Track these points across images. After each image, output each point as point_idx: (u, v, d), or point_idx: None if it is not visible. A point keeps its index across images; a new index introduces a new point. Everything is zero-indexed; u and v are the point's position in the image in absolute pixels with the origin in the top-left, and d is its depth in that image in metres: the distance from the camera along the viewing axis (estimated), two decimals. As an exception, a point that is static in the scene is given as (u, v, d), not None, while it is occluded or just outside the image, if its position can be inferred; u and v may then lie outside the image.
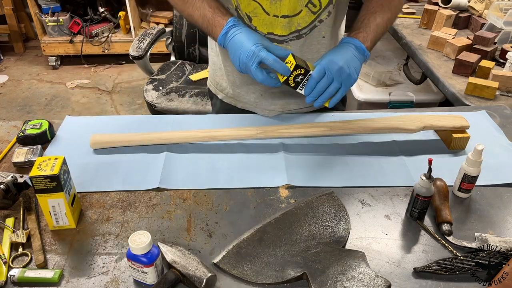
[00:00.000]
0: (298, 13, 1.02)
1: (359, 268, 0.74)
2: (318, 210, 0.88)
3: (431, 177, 0.83)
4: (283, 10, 1.01)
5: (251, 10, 1.02)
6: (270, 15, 1.02)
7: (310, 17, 1.04)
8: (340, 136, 1.11)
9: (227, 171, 1.01)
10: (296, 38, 1.07)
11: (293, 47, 1.08)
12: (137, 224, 0.87)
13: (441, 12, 2.06)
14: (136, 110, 3.12)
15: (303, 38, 1.07)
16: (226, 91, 1.25)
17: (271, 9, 1.01)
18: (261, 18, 1.03)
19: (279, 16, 1.02)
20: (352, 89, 2.36)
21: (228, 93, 1.24)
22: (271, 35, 1.06)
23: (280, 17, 1.02)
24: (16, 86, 3.41)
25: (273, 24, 1.04)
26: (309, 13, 1.03)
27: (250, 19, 1.04)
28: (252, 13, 1.03)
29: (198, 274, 0.72)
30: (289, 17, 1.02)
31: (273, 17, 1.03)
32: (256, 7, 1.01)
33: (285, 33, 1.05)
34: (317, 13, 1.03)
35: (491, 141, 1.11)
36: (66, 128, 1.16)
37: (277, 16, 1.02)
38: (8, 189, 0.91)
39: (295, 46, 1.08)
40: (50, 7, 3.44)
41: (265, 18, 1.03)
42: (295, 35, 1.06)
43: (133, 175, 1.00)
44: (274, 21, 1.03)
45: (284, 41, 1.07)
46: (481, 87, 1.47)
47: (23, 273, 0.75)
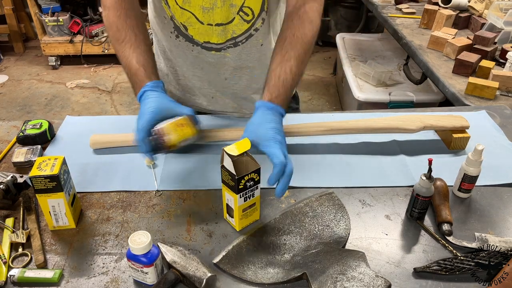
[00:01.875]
0: (231, 20, 1.03)
1: (359, 268, 0.74)
2: (318, 210, 0.88)
3: (431, 177, 0.83)
4: (216, 19, 1.02)
5: (185, 20, 1.03)
6: (204, 24, 1.03)
7: (243, 25, 1.04)
8: (340, 136, 1.11)
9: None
10: (233, 45, 1.08)
11: (232, 55, 1.09)
12: (137, 224, 0.87)
13: (441, 12, 2.06)
14: (136, 110, 3.12)
15: (239, 46, 1.08)
16: (177, 97, 1.24)
17: (204, 18, 1.02)
18: (196, 27, 1.04)
19: (213, 25, 1.03)
20: (352, 89, 2.37)
21: (179, 100, 1.23)
22: (208, 43, 1.07)
23: (215, 25, 1.03)
24: (16, 86, 3.41)
25: (208, 32, 1.05)
26: (241, 21, 1.03)
27: (186, 28, 1.05)
28: (187, 23, 1.04)
29: (198, 274, 0.72)
30: (223, 25, 1.03)
31: (207, 25, 1.03)
32: (189, 16, 1.02)
33: (222, 40, 1.06)
34: (250, 21, 1.04)
35: (491, 141, 1.11)
36: (66, 128, 1.16)
37: (211, 25, 1.03)
38: (8, 189, 0.91)
39: (233, 53, 1.09)
40: (50, 7, 3.44)
41: (200, 27, 1.04)
42: (232, 42, 1.07)
43: (133, 175, 1.00)
44: (209, 30, 1.04)
45: (222, 48, 1.08)
46: (481, 87, 1.47)
47: (23, 273, 0.75)
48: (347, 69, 2.57)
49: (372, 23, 3.78)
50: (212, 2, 0.99)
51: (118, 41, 0.97)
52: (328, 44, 3.93)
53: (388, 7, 2.43)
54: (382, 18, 2.33)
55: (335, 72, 3.51)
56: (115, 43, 0.99)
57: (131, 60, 0.95)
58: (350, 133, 1.07)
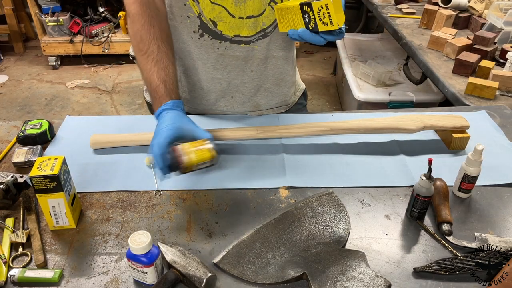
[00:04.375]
0: (262, 12, 1.03)
1: (359, 268, 0.74)
2: (318, 210, 0.88)
3: (431, 177, 0.83)
4: (248, 11, 1.02)
5: (216, 15, 1.02)
6: (236, 18, 1.03)
7: (273, 14, 1.04)
8: (340, 136, 1.11)
9: (227, 171, 1.01)
10: (262, 37, 1.08)
11: (260, 46, 1.09)
12: (137, 224, 0.87)
13: (441, 12, 2.06)
14: (136, 110, 3.12)
15: (268, 36, 1.08)
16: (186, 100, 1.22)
17: (236, 11, 1.01)
18: (227, 21, 1.03)
19: (244, 18, 1.03)
20: (352, 89, 2.37)
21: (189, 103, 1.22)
22: (237, 37, 1.06)
23: (246, 18, 1.03)
24: (16, 86, 3.41)
25: (239, 26, 1.04)
26: (272, 11, 1.03)
27: (215, 24, 1.04)
28: (217, 18, 1.03)
29: (198, 274, 0.72)
30: (254, 17, 1.03)
31: (239, 19, 1.03)
32: (221, 11, 1.01)
33: (252, 33, 1.06)
34: None
35: (491, 141, 1.11)
36: (66, 128, 1.16)
37: (242, 18, 1.03)
38: (8, 189, 0.91)
39: (262, 45, 1.09)
40: (50, 7, 3.44)
41: (231, 21, 1.03)
42: (261, 34, 1.07)
43: (133, 175, 1.00)
44: (240, 23, 1.04)
45: (251, 41, 1.08)
46: (481, 87, 1.47)
47: (23, 273, 0.75)
48: (347, 69, 2.57)
49: (372, 23, 3.78)
50: None
51: (141, 52, 0.96)
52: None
53: (388, 7, 2.44)
54: (382, 18, 2.33)
55: (335, 72, 3.51)
56: (137, 54, 0.98)
57: (152, 74, 0.94)
58: (350, 133, 1.07)
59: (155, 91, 0.94)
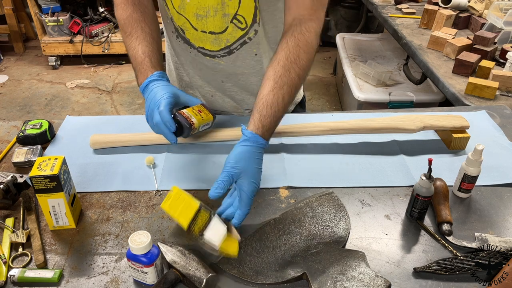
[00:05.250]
0: (224, 30, 1.02)
1: (359, 268, 0.74)
2: (318, 210, 0.88)
3: (431, 177, 0.83)
4: (209, 27, 1.02)
5: (182, 24, 1.05)
6: (198, 31, 1.03)
7: (238, 32, 1.03)
8: (340, 136, 1.11)
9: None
10: (227, 54, 1.08)
11: (226, 63, 1.09)
12: (137, 224, 0.87)
13: (441, 12, 2.06)
14: (136, 110, 3.12)
15: (234, 53, 1.08)
16: None
17: (198, 25, 1.02)
18: (191, 32, 1.05)
19: (206, 32, 1.03)
20: (352, 89, 2.37)
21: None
22: (202, 49, 1.08)
23: (208, 33, 1.03)
24: (16, 86, 3.41)
25: (202, 39, 1.05)
26: (236, 28, 1.03)
27: (183, 31, 1.06)
28: (183, 27, 1.05)
29: (198, 274, 0.72)
30: (216, 34, 1.03)
31: (201, 32, 1.04)
32: (185, 22, 1.03)
33: (216, 49, 1.06)
34: (245, 29, 1.03)
35: (491, 141, 1.11)
36: (66, 128, 1.16)
37: (205, 32, 1.03)
38: (8, 189, 0.91)
39: (228, 61, 1.09)
40: (50, 7, 3.43)
41: (194, 33, 1.04)
42: (226, 51, 1.07)
43: (133, 175, 1.00)
44: (203, 37, 1.04)
45: (216, 56, 1.08)
46: (481, 87, 1.47)
47: (23, 273, 0.75)
48: (347, 69, 2.57)
49: (372, 23, 3.78)
50: (205, 10, 0.99)
51: (125, 33, 1.00)
52: (328, 44, 3.93)
53: (388, 7, 2.43)
54: (382, 18, 2.33)
55: (335, 72, 3.51)
56: (123, 36, 1.02)
57: (137, 51, 0.96)
58: (350, 133, 1.07)
59: (140, 64, 0.95)
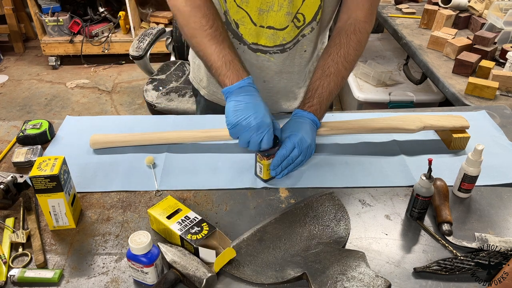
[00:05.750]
0: (285, 27, 1.02)
1: (359, 268, 0.74)
2: (318, 210, 0.88)
3: (431, 177, 0.83)
4: (269, 21, 1.01)
5: (239, 18, 1.02)
6: (257, 26, 1.02)
7: (294, 31, 1.04)
8: (340, 136, 1.11)
9: (227, 171, 1.01)
10: (280, 51, 1.08)
11: (276, 60, 1.10)
12: (137, 224, 0.87)
13: (441, 12, 2.06)
14: (136, 110, 3.12)
15: (286, 52, 1.08)
16: (209, 89, 1.25)
17: (258, 19, 1.01)
18: (248, 27, 1.03)
19: (265, 27, 1.02)
20: (352, 89, 2.37)
21: (210, 91, 1.24)
22: (255, 45, 1.06)
23: (266, 28, 1.02)
24: (16, 86, 3.41)
25: (259, 34, 1.04)
26: (294, 28, 1.03)
27: (238, 26, 1.04)
28: (240, 21, 1.03)
29: (198, 274, 0.72)
30: (275, 29, 1.03)
31: (259, 27, 1.03)
32: (244, 15, 1.01)
33: (270, 44, 1.06)
34: (300, 27, 1.04)
35: (491, 141, 1.11)
36: (66, 128, 1.16)
37: (263, 27, 1.02)
38: (8, 189, 0.91)
39: (279, 59, 1.10)
40: (50, 7, 3.43)
41: (252, 27, 1.03)
42: (280, 48, 1.07)
43: (133, 175, 1.00)
44: (260, 31, 1.04)
45: (268, 52, 1.08)
46: (481, 87, 1.47)
47: (23, 273, 0.75)
48: (347, 69, 2.57)
49: (372, 23, 3.77)
50: (269, 5, 0.98)
51: (203, 27, 0.92)
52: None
53: (388, 7, 2.44)
54: (382, 18, 2.33)
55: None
56: (197, 31, 0.93)
57: (224, 48, 0.92)
58: (350, 133, 1.07)
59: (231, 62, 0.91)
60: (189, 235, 0.78)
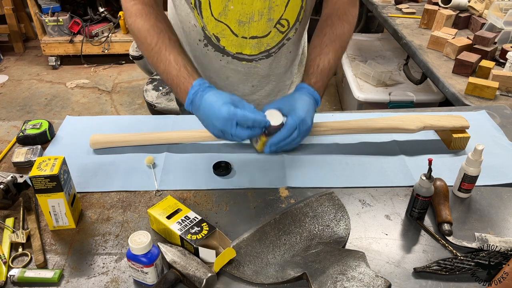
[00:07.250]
0: (267, 34, 1.02)
1: (359, 268, 0.74)
2: (318, 210, 0.88)
3: (431, 177, 0.83)
4: (251, 32, 1.01)
5: (219, 31, 1.01)
6: (238, 37, 1.02)
7: (278, 36, 1.04)
8: (340, 136, 1.11)
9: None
10: (265, 57, 1.08)
11: (263, 65, 1.09)
12: (137, 224, 0.87)
13: (441, 12, 2.06)
14: (136, 110, 3.12)
15: (272, 56, 1.08)
16: None
17: (239, 31, 1.01)
18: (229, 39, 1.03)
19: (248, 38, 1.02)
20: (352, 89, 2.37)
21: None
22: (240, 54, 1.06)
23: (249, 38, 1.02)
24: (16, 86, 3.41)
25: (242, 44, 1.04)
26: (277, 33, 1.03)
27: (218, 39, 1.03)
28: (220, 34, 1.02)
29: (198, 274, 0.72)
30: (258, 38, 1.02)
31: (241, 38, 1.02)
32: (224, 28, 1.00)
33: (255, 52, 1.06)
34: (285, 32, 1.04)
35: (491, 141, 1.11)
36: (66, 128, 1.16)
37: (245, 38, 1.02)
38: (8, 189, 0.91)
39: (265, 64, 1.10)
40: (50, 7, 3.43)
41: (234, 39, 1.03)
42: (265, 54, 1.07)
43: (133, 175, 1.00)
44: (243, 42, 1.03)
45: (253, 60, 1.07)
46: (481, 87, 1.47)
47: (23, 273, 0.75)
48: (347, 69, 2.57)
49: (372, 23, 3.78)
50: (249, 16, 0.98)
51: (150, 46, 0.93)
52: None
53: (388, 7, 2.43)
54: (382, 18, 2.33)
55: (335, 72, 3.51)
56: (146, 49, 0.94)
57: (169, 62, 0.92)
58: (350, 133, 1.07)
59: (177, 80, 0.91)
60: (189, 235, 0.78)
